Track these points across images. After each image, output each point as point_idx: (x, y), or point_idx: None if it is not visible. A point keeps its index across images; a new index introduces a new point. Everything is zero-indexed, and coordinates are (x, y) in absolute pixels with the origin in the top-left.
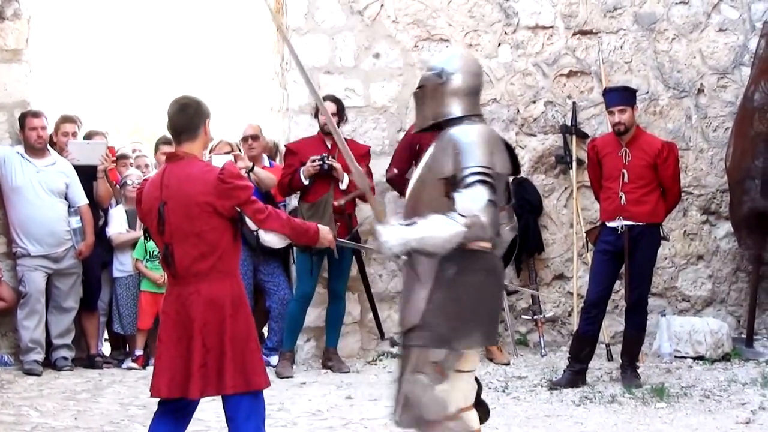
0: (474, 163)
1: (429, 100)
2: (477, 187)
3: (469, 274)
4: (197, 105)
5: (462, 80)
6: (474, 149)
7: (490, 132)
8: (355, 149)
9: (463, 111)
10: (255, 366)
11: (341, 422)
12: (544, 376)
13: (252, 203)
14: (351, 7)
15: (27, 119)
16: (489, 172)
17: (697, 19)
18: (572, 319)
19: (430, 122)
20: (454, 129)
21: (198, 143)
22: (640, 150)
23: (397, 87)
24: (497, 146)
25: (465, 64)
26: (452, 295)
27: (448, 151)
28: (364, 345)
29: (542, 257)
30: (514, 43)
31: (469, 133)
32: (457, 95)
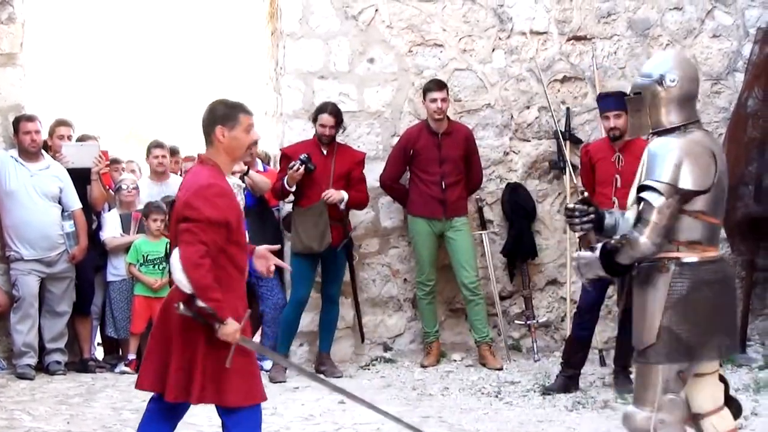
0: (654, 177)
1: (647, 108)
2: (643, 207)
3: (701, 287)
4: (208, 111)
5: (681, 87)
6: (659, 162)
7: (694, 144)
8: (350, 156)
9: (681, 119)
10: (230, 382)
11: (334, 427)
12: (536, 381)
13: (191, 225)
14: (345, 12)
15: (21, 123)
16: (660, 189)
17: (690, 25)
18: (565, 324)
19: (648, 131)
20: (659, 139)
21: (215, 149)
22: (633, 155)
23: (391, 92)
24: (695, 159)
25: (684, 70)
26: (687, 309)
27: (643, 163)
28: (357, 350)
29: (536, 262)
30: (508, 49)
31: (665, 145)
32: (677, 102)
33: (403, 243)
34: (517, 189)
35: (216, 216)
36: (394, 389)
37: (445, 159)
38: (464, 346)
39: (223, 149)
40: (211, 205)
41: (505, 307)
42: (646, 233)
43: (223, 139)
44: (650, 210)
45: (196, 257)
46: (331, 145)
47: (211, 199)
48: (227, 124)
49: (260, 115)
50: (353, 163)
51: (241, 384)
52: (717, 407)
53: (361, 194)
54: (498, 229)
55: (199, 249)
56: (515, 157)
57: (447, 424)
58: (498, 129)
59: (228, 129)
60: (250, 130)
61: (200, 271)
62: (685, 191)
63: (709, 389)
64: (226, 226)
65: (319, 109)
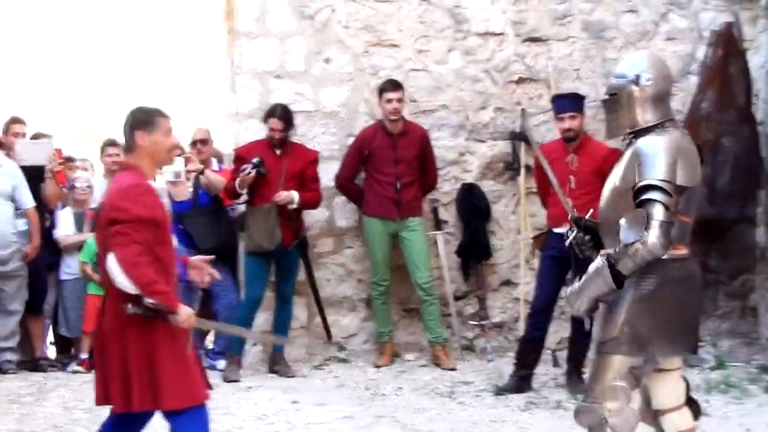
0: (652, 175)
1: (623, 108)
2: (650, 207)
3: (668, 285)
4: (127, 117)
5: (656, 86)
6: (655, 160)
7: (679, 141)
8: (303, 155)
9: (657, 117)
10: (166, 386)
11: (287, 426)
12: (490, 381)
13: (121, 226)
14: (302, 12)
15: None
16: (665, 187)
17: (645, 27)
18: (519, 324)
19: (625, 131)
20: (642, 138)
21: (136, 155)
22: (587, 156)
23: (347, 92)
24: (685, 156)
25: (658, 69)
26: (652, 305)
27: (633, 161)
28: (310, 350)
29: (490, 263)
30: (463, 50)
31: (655, 143)
32: (652, 101)
33: (358, 243)
34: (472, 189)
35: (145, 214)
36: (348, 389)
37: (401, 159)
38: (418, 346)
39: (145, 153)
40: (140, 204)
41: (459, 307)
42: (657, 234)
43: (144, 143)
44: (658, 209)
45: (133, 257)
46: (284, 145)
47: (139, 198)
48: (146, 129)
49: (216, 114)
50: (306, 162)
51: (178, 386)
52: (678, 404)
53: (315, 193)
54: (453, 230)
55: (133, 249)
56: (470, 158)
57: (400, 424)
58: (453, 130)
59: (147, 133)
60: (170, 133)
61: (140, 269)
62: (681, 188)
63: (672, 386)
64: (155, 225)
65: (269, 113)
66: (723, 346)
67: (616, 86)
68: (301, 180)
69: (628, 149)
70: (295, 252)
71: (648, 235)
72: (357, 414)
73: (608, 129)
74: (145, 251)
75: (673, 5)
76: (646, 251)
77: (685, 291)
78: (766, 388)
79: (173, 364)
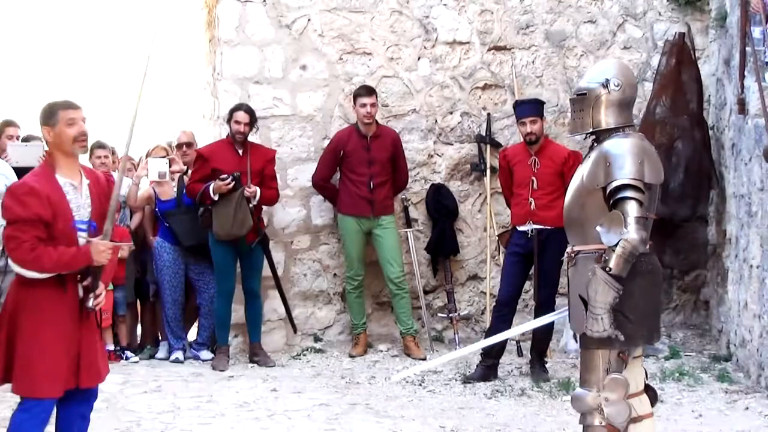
0: (623, 175)
1: (589, 108)
2: (625, 204)
3: (635, 278)
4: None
5: (624, 92)
6: (624, 161)
7: (642, 143)
8: (262, 154)
9: (619, 122)
10: (17, 370)
11: (267, 413)
12: (458, 370)
13: (10, 229)
14: (279, 21)
15: None
16: (637, 185)
17: (603, 37)
18: (485, 317)
19: (589, 129)
20: (608, 141)
21: (50, 150)
22: (548, 159)
23: (322, 97)
24: (649, 157)
25: (626, 77)
26: (623, 297)
27: (601, 162)
28: (288, 340)
29: (458, 259)
30: (432, 57)
31: (622, 145)
32: (617, 105)
33: (333, 240)
34: (440, 189)
35: (26, 214)
36: (324, 378)
37: (374, 161)
38: (390, 337)
39: (53, 147)
40: (21, 204)
41: (429, 300)
42: (635, 228)
43: (50, 137)
44: (633, 206)
45: (27, 256)
46: (244, 145)
47: (20, 198)
48: (49, 123)
49: (198, 117)
50: (265, 161)
51: (24, 374)
52: (638, 391)
53: (273, 191)
54: (422, 227)
55: (24, 248)
56: (439, 160)
57: (373, 411)
58: (423, 133)
59: (51, 127)
60: (74, 123)
61: (41, 261)
62: (647, 186)
63: (633, 373)
64: (41, 222)
65: (234, 108)
66: (677, 337)
67: (585, 88)
68: (261, 178)
69: (593, 151)
70: (258, 249)
71: (628, 231)
72: (333, 401)
73: (572, 126)
74: (36, 243)
75: (629, 16)
76: (630, 247)
77: (651, 283)
78: (717, 377)
79: (27, 352)
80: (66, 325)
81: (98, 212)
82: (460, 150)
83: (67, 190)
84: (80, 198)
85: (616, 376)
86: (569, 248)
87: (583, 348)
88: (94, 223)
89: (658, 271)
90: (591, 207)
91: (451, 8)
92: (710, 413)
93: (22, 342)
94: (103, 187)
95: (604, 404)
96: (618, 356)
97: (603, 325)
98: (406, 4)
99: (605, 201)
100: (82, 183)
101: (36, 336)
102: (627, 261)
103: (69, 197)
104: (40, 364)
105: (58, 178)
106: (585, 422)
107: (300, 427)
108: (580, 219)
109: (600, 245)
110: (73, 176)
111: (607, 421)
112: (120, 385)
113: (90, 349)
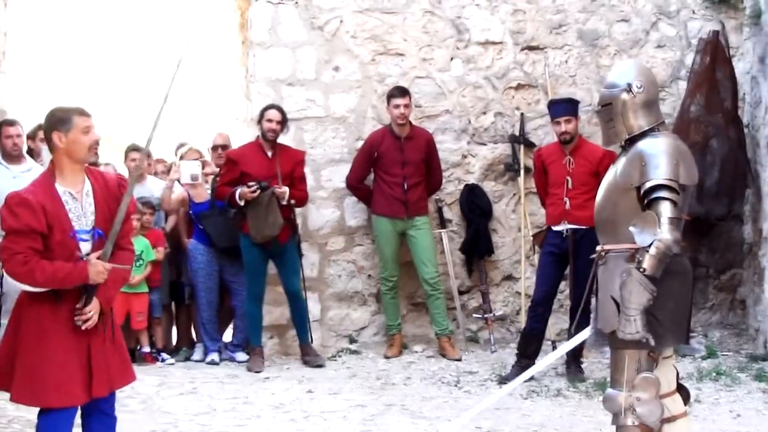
0: (658, 175)
1: (618, 117)
2: (660, 205)
3: (667, 278)
4: (45, 118)
5: (648, 92)
6: (659, 161)
7: (676, 143)
8: (292, 156)
9: (650, 122)
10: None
11: (302, 415)
12: (493, 371)
13: (4, 241)
14: (312, 23)
15: (3, 128)
16: (672, 185)
17: (636, 36)
18: (520, 317)
19: (624, 137)
20: (642, 141)
21: (56, 155)
22: (582, 158)
23: (355, 98)
24: (684, 158)
25: (646, 76)
26: (655, 297)
27: (636, 162)
28: (323, 341)
29: (492, 259)
30: (465, 58)
31: (657, 145)
32: (645, 106)
33: (368, 241)
34: (474, 190)
35: (17, 225)
36: (359, 379)
37: (407, 162)
38: (425, 338)
39: (63, 153)
40: (13, 215)
41: (464, 301)
42: (668, 229)
43: (61, 143)
44: (667, 207)
45: (19, 269)
46: (274, 147)
47: (13, 209)
48: (62, 129)
49: (231, 119)
50: (295, 163)
51: (27, 382)
52: (671, 390)
53: (302, 193)
54: (456, 228)
55: (17, 260)
56: (472, 160)
57: (409, 412)
58: (456, 133)
59: (63, 133)
60: (89, 131)
61: (35, 274)
62: (682, 187)
63: (665, 373)
64: (35, 233)
65: (266, 108)
66: (713, 337)
67: (609, 96)
68: (291, 180)
69: (626, 150)
70: (292, 249)
71: (661, 232)
72: (368, 402)
73: (605, 138)
74: (30, 255)
75: (663, 15)
76: (664, 247)
77: (681, 284)
78: (754, 376)
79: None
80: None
81: (104, 218)
82: (494, 150)
83: (66, 200)
84: (81, 207)
85: (647, 375)
86: (599, 246)
87: (611, 348)
88: (99, 231)
89: (688, 272)
90: (623, 206)
91: (483, 8)
92: (748, 413)
93: (24, 353)
94: (112, 192)
95: (636, 404)
96: (648, 356)
97: (636, 326)
98: (438, 4)
99: (639, 201)
100: (83, 190)
101: (39, 346)
102: (661, 261)
103: (68, 207)
104: (46, 373)
105: (57, 188)
106: (618, 423)
107: (336, 428)
108: (612, 218)
109: (631, 244)
110: (75, 184)
111: (639, 420)
112: (156, 387)
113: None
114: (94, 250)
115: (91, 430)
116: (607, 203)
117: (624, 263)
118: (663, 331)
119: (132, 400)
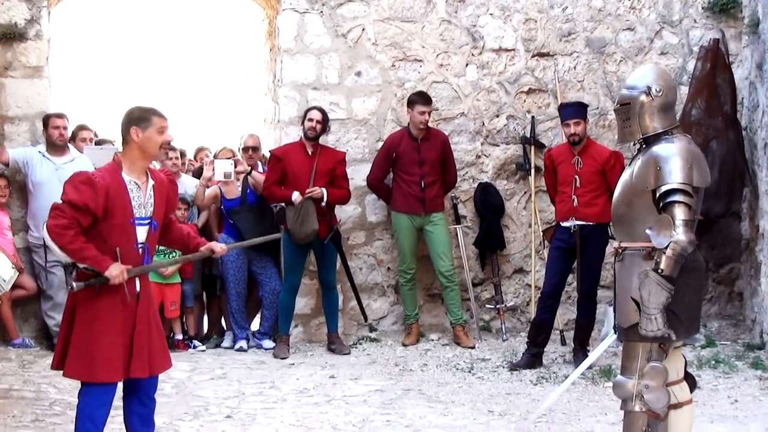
0: (673, 180)
1: (635, 117)
2: (675, 208)
3: (682, 274)
4: (125, 114)
5: (666, 96)
6: (673, 165)
7: (690, 147)
8: (332, 156)
9: (665, 125)
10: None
11: (325, 399)
12: (505, 358)
13: (59, 204)
14: (336, 31)
15: (51, 119)
16: (686, 189)
17: (641, 43)
18: (530, 308)
19: (639, 137)
20: (657, 145)
21: (129, 148)
22: (590, 158)
23: (376, 102)
24: (697, 161)
25: (666, 80)
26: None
27: (651, 165)
28: (345, 330)
29: (504, 253)
30: (480, 64)
31: (671, 149)
32: (662, 110)
33: (387, 236)
34: (487, 188)
35: (76, 199)
36: (379, 365)
37: (424, 161)
38: (441, 327)
39: (137, 148)
40: (75, 190)
41: (477, 292)
42: (683, 231)
43: (137, 138)
44: (682, 210)
45: (58, 228)
46: (315, 145)
47: (77, 185)
48: (141, 125)
49: (259, 122)
50: (335, 162)
51: (80, 359)
52: (679, 378)
53: (344, 190)
54: (471, 224)
55: (60, 222)
56: (486, 160)
57: (426, 396)
58: (471, 135)
59: (141, 130)
60: (164, 131)
61: (65, 238)
62: (696, 189)
63: (674, 362)
64: (88, 211)
65: (309, 109)
66: (712, 327)
67: (628, 96)
68: (331, 178)
69: (641, 153)
70: (330, 244)
71: (677, 234)
72: (387, 387)
73: (621, 135)
74: (74, 224)
75: (666, 24)
76: (680, 248)
77: (695, 280)
78: (751, 364)
79: (83, 338)
80: (118, 317)
81: (160, 212)
82: (506, 151)
83: (131, 188)
84: (143, 197)
85: (655, 365)
86: (616, 243)
87: (626, 340)
88: (155, 222)
89: (702, 267)
90: (639, 206)
91: (497, 17)
92: (745, 399)
93: (77, 332)
94: (166, 189)
95: (644, 391)
96: (659, 347)
97: (657, 324)
98: (454, 14)
99: (654, 203)
100: (147, 183)
101: (91, 326)
102: (677, 262)
103: (132, 194)
104: (96, 351)
105: (124, 176)
106: (626, 408)
107: (357, 411)
108: (628, 217)
109: (647, 243)
110: (140, 176)
111: (646, 407)
112: (188, 372)
113: (142, 343)
114: (149, 238)
115: (133, 411)
116: (623, 202)
117: (640, 261)
118: (679, 325)
119: (166, 384)
